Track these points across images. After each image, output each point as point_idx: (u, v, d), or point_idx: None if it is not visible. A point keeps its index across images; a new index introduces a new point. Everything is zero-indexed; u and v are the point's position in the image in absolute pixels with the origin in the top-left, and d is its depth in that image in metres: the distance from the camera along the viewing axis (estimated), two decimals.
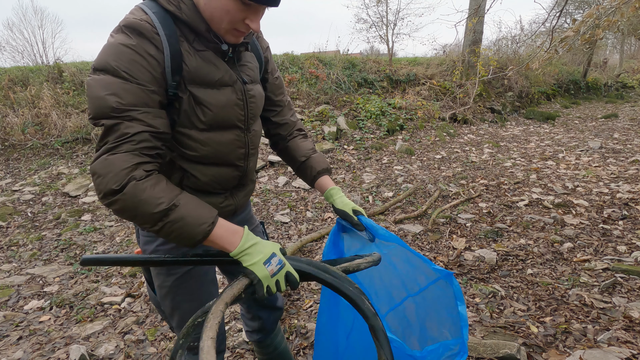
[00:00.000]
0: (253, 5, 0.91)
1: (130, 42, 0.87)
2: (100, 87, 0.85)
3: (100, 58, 0.87)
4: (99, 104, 0.85)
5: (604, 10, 3.38)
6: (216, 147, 1.04)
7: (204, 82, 0.97)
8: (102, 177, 0.84)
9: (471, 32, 9.53)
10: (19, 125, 6.38)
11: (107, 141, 0.86)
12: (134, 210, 0.85)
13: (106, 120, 0.85)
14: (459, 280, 2.65)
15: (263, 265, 0.90)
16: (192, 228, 0.88)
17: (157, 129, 0.89)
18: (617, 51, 18.86)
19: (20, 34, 18.55)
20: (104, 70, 0.86)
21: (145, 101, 0.88)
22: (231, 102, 1.03)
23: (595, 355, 1.76)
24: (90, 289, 2.93)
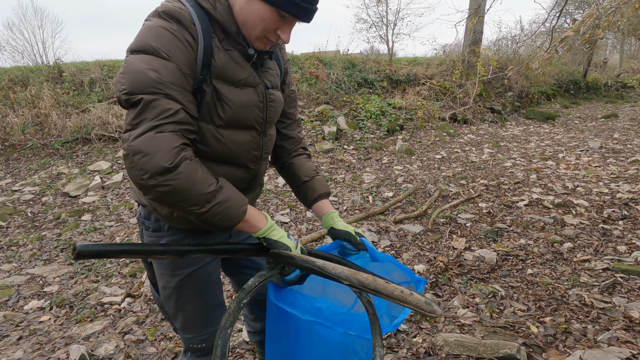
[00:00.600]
0: (288, 18, 0.94)
1: (170, 26, 0.88)
2: (140, 63, 0.84)
3: (139, 39, 0.87)
4: (138, 77, 0.83)
5: (604, 10, 3.38)
6: (231, 145, 1.04)
7: (229, 80, 0.98)
8: (150, 155, 0.80)
9: (471, 32, 9.53)
10: (19, 125, 6.38)
11: (145, 118, 0.83)
12: (187, 190, 0.83)
13: (145, 95, 0.83)
14: (459, 280, 2.65)
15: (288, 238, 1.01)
16: (236, 209, 0.92)
17: (192, 112, 0.90)
18: (617, 51, 18.86)
19: (20, 34, 18.55)
20: (143, 51, 0.86)
21: (183, 83, 0.88)
22: (252, 103, 1.03)
23: (595, 355, 1.76)
24: (90, 289, 2.93)
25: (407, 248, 3.19)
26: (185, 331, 1.22)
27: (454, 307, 2.34)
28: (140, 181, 0.82)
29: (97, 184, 5.13)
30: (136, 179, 0.82)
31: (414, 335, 2.10)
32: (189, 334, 1.22)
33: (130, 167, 0.82)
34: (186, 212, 0.88)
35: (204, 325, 1.21)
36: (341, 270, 0.84)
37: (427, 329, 2.14)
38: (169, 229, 1.13)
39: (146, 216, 1.16)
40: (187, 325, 1.20)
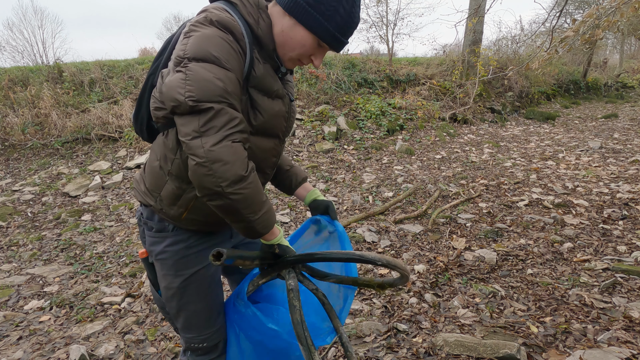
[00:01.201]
0: (325, 47, 1.03)
1: (227, 37, 0.92)
2: (206, 72, 0.87)
3: (199, 47, 0.89)
4: (207, 86, 0.86)
5: (604, 11, 3.38)
6: (257, 151, 1.08)
7: (264, 90, 1.02)
8: (230, 164, 0.85)
9: (471, 32, 9.53)
10: (19, 125, 6.38)
11: (214, 126, 0.86)
12: (253, 197, 0.90)
13: (214, 103, 0.86)
14: (459, 280, 2.65)
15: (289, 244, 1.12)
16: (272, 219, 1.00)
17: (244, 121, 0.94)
18: (617, 51, 18.86)
19: (20, 34, 18.51)
20: (206, 60, 0.88)
21: (239, 93, 0.93)
22: (280, 113, 1.09)
23: (595, 355, 1.76)
24: (90, 289, 2.93)
25: (407, 248, 3.19)
26: (186, 331, 1.22)
27: (454, 307, 2.34)
28: (217, 188, 0.85)
29: (97, 184, 5.13)
30: (212, 185, 0.85)
31: (414, 335, 2.10)
32: (191, 333, 1.22)
33: (207, 174, 0.84)
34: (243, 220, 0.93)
35: (205, 325, 1.22)
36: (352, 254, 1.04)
37: (427, 329, 2.14)
38: (173, 229, 1.14)
39: (149, 217, 1.16)
40: (188, 325, 1.21)
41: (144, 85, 1.09)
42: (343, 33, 0.99)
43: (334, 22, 0.97)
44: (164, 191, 1.09)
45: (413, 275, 2.73)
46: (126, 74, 7.70)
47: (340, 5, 0.95)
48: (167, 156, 1.06)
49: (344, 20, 0.97)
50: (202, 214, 1.10)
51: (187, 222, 1.11)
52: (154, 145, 1.11)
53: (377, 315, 2.31)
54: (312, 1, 0.95)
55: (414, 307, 2.36)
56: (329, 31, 0.98)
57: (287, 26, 0.99)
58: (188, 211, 1.09)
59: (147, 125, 1.14)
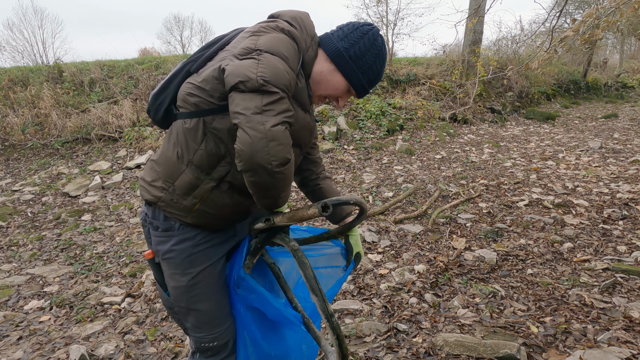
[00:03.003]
0: (352, 93, 1.21)
1: (294, 46, 1.04)
2: (279, 63, 0.96)
3: (272, 45, 0.99)
4: (280, 73, 0.95)
5: (604, 10, 3.38)
6: None
7: (299, 102, 1.11)
8: (283, 145, 0.92)
9: (471, 32, 9.53)
10: (19, 125, 6.39)
11: (274, 109, 0.93)
12: (289, 179, 0.99)
13: (281, 90, 0.94)
14: (459, 280, 2.65)
15: None
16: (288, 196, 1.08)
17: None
18: (617, 51, 18.87)
19: (20, 34, 18.54)
20: (278, 55, 0.98)
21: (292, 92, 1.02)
22: (308, 126, 1.18)
23: (595, 355, 1.76)
24: (90, 289, 2.93)
25: (407, 248, 3.19)
26: (196, 330, 1.22)
27: (454, 307, 2.34)
28: (268, 165, 0.91)
29: (97, 184, 5.13)
30: (264, 162, 0.91)
31: (414, 335, 2.10)
32: (201, 332, 1.22)
33: (261, 150, 0.90)
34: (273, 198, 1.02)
35: (215, 323, 1.22)
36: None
37: (427, 329, 2.14)
38: (180, 227, 1.15)
39: (154, 216, 1.16)
40: (198, 324, 1.21)
41: (178, 70, 1.12)
42: (371, 84, 1.18)
43: (367, 77, 1.16)
44: (179, 181, 1.10)
45: (413, 275, 2.74)
46: (126, 74, 7.70)
47: (375, 64, 1.15)
48: (189, 145, 1.07)
49: (374, 75, 1.17)
50: (214, 206, 1.12)
51: (196, 214, 1.12)
52: (172, 135, 1.11)
53: (377, 315, 2.31)
54: (354, 56, 1.13)
55: (414, 307, 2.36)
56: (361, 82, 1.16)
57: (327, 70, 1.15)
58: (202, 202, 1.10)
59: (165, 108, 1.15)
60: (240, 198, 1.15)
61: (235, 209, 1.17)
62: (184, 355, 2.08)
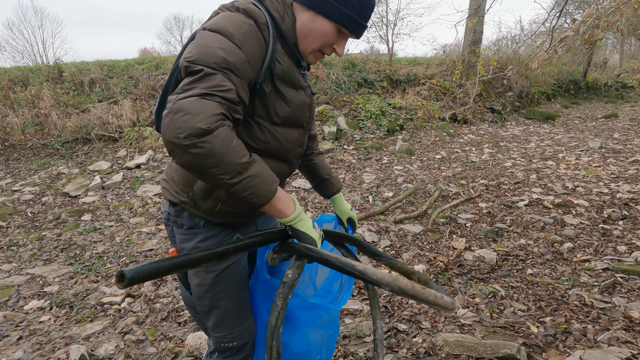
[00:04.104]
0: (345, 33, 1.06)
1: (249, 22, 0.95)
2: (212, 40, 0.90)
3: (217, 22, 0.93)
4: (206, 51, 0.88)
5: (604, 10, 3.38)
6: (284, 142, 1.11)
7: (289, 82, 1.06)
8: (191, 115, 0.80)
9: (471, 32, 9.53)
10: (19, 125, 6.39)
11: (197, 86, 0.85)
12: (220, 156, 0.82)
13: (207, 67, 0.87)
14: (459, 280, 2.65)
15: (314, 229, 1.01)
16: (267, 186, 0.91)
17: (243, 98, 0.92)
18: (617, 51, 18.86)
19: (20, 34, 18.57)
20: (219, 32, 0.91)
21: (244, 73, 0.92)
22: (304, 104, 1.14)
23: (595, 355, 1.76)
24: (90, 289, 2.93)
25: (407, 248, 3.19)
26: (217, 329, 1.22)
27: None
28: (175, 140, 0.81)
29: (97, 184, 5.13)
30: (171, 137, 0.81)
31: (414, 335, 2.10)
32: (221, 332, 1.22)
33: (168, 126, 0.82)
34: (216, 182, 0.87)
35: (236, 322, 1.22)
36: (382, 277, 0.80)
37: (427, 329, 2.14)
38: (205, 225, 1.14)
39: (178, 214, 1.16)
40: (219, 322, 1.20)
41: (168, 80, 1.08)
42: (362, 16, 1.03)
43: (351, 7, 1.01)
44: (196, 185, 1.09)
45: None
46: (126, 74, 7.70)
47: None
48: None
49: (360, 3, 1.01)
50: (235, 205, 1.11)
51: (220, 215, 1.12)
52: None
53: None
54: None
55: (414, 307, 2.36)
56: (347, 16, 1.01)
57: (307, 19, 1.03)
58: (222, 203, 1.09)
59: None
60: None
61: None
62: (184, 355, 2.08)
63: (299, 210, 1.00)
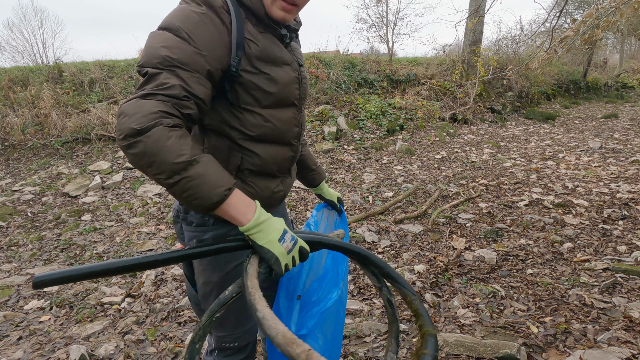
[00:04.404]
0: None
1: (200, 9, 0.91)
2: (157, 40, 0.88)
3: (166, 19, 0.91)
4: (151, 52, 0.87)
5: (604, 11, 3.38)
6: (277, 124, 1.08)
7: (270, 60, 1.02)
8: (128, 116, 0.80)
9: (471, 32, 9.53)
10: (19, 125, 6.39)
11: (143, 88, 0.85)
12: (153, 156, 0.80)
13: (151, 68, 0.86)
14: (459, 280, 2.65)
15: (279, 243, 0.88)
16: (209, 189, 0.84)
17: (194, 92, 0.88)
18: (617, 51, 18.87)
19: (20, 34, 18.52)
20: (167, 29, 0.90)
21: (195, 65, 0.88)
22: (291, 80, 1.08)
23: (595, 355, 1.76)
24: (90, 289, 2.93)
25: (407, 248, 3.19)
26: (219, 329, 1.21)
27: (454, 307, 2.34)
28: (118, 141, 0.82)
29: (97, 184, 5.13)
30: (117, 139, 0.83)
31: (413, 335, 2.10)
32: (223, 332, 1.21)
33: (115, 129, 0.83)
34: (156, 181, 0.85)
35: (239, 323, 1.21)
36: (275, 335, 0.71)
37: None
38: (214, 222, 1.11)
39: (187, 211, 1.14)
40: (222, 322, 1.20)
41: None
42: None
43: None
44: None
45: (413, 275, 2.73)
46: (126, 74, 7.70)
47: None
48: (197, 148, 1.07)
49: None
50: None
51: None
52: None
53: (377, 315, 2.31)
54: None
55: None
56: None
57: None
58: None
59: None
60: (265, 182, 1.12)
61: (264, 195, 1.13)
62: (184, 355, 2.08)
63: (259, 218, 0.88)
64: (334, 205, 1.62)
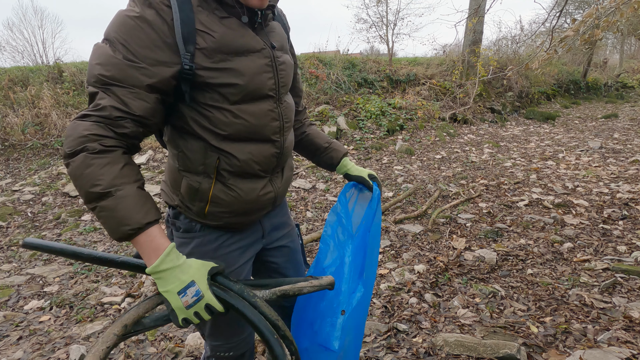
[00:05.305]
0: None
1: (134, 13, 0.85)
2: (95, 56, 0.86)
3: (107, 27, 0.88)
4: (89, 70, 0.87)
5: (604, 10, 3.38)
6: (250, 119, 0.98)
7: (231, 50, 0.93)
8: (66, 137, 0.85)
9: (471, 32, 9.53)
10: (19, 125, 6.39)
11: (87, 108, 0.87)
12: (74, 180, 0.84)
13: (90, 87, 0.86)
14: (459, 280, 2.65)
15: (177, 295, 0.84)
16: (116, 225, 0.83)
17: (130, 110, 0.85)
18: (617, 51, 18.87)
19: (20, 34, 18.53)
20: (107, 40, 0.87)
21: (130, 79, 0.85)
22: (260, 69, 0.98)
23: (595, 355, 1.76)
24: (90, 289, 2.93)
25: (407, 248, 3.19)
26: (213, 338, 1.18)
27: (454, 307, 2.34)
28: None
29: None
30: None
31: (414, 335, 2.10)
32: (217, 341, 1.18)
33: None
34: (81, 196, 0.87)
35: (233, 333, 1.17)
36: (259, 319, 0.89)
37: (427, 329, 2.14)
38: (201, 229, 1.09)
39: (176, 216, 1.12)
40: (215, 331, 1.16)
41: None
42: None
43: None
44: (182, 188, 1.04)
45: (413, 275, 2.73)
46: None
47: None
48: (172, 153, 1.04)
49: None
50: (224, 204, 1.03)
51: (212, 217, 1.05)
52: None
53: (377, 315, 2.31)
54: None
55: (414, 307, 2.36)
56: None
57: None
58: (209, 204, 1.03)
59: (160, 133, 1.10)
60: (248, 184, 1.05)
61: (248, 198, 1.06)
62: (184, 355, 2.08)
63: (159, 267, 0.84)
64: (364, 182, 1.41)
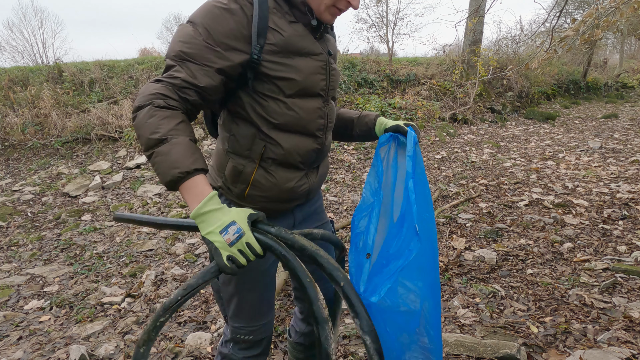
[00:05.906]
0: None
1: (222, 4, 0.97)
2: (179, 34, 0.97)
3: (194, 12, 0.99)
4: (171, 46, 0.98)
5: (604, 10, 3.38)
6: (300, 113, 1.09)
7: (294, 50, 1.04)
8: (138, 95, 0.94)
9: (471, 32, 9.53)
10: (19, 125, 6.39)
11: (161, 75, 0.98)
12: (138, 129, 0.92)
13: (169, 60, 0.97)
14: (459, 280, 2.65)
15: (219, 234, 0.87)
16: (167, 168, 0.88)
17: (198, 83, 0.95)
18: (617, 51, 18.87)
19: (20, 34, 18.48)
20: (192, 22, 0.98)
21: (206, 59, 0.96)
22: (316, 70, 1.09)
23: (595, 355, 1.76)
24: (90, 289, 2.93)
25: None
26: (236, 319, 1.23)
27: (454, 307, 2.34)
28: None
29: (97, 184, 5.13)
30: None
31: None
32: (239, 322, 1.23)
33: None
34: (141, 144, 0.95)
35: (255, 316, 1.23)
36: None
37: None
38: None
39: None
40: (239, 312, 1.22)
41: None
42: None
43: None
44: (227, 170, 1.13)
45: None
46: (126, 74, 7.70)
47: None
48: (223, 136, 1.14)
49: None
50: (263, 188, 1.12)
51: (251, 199, 1.14)
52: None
53: None
54: None
55: None
56: None
57: None
58: (250, 187, 1.12)
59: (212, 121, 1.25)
60: (287, 173, 1.13)
61: (285, 187, 1.14)
62: (184, 355, 2.08)
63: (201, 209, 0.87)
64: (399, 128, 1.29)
